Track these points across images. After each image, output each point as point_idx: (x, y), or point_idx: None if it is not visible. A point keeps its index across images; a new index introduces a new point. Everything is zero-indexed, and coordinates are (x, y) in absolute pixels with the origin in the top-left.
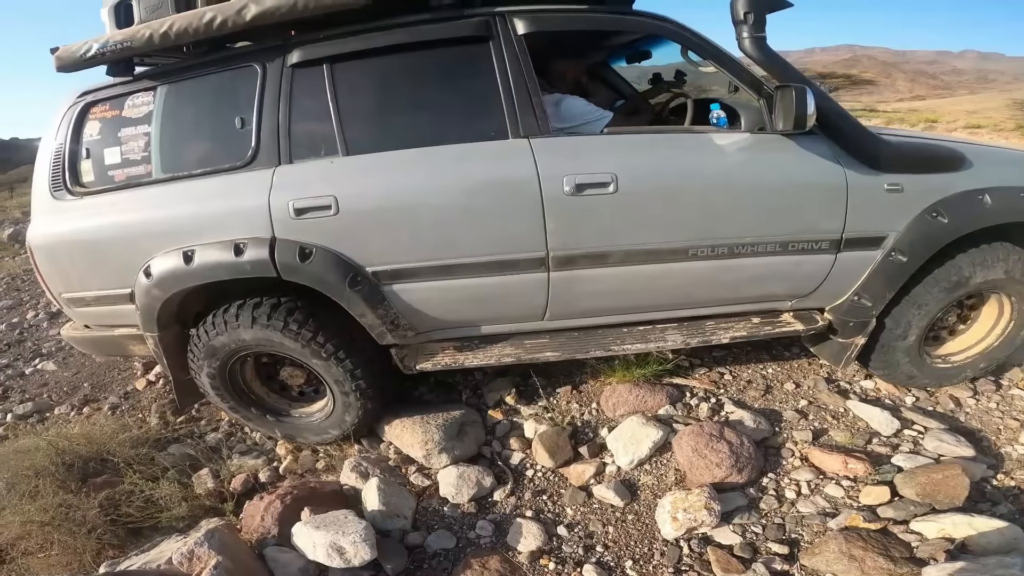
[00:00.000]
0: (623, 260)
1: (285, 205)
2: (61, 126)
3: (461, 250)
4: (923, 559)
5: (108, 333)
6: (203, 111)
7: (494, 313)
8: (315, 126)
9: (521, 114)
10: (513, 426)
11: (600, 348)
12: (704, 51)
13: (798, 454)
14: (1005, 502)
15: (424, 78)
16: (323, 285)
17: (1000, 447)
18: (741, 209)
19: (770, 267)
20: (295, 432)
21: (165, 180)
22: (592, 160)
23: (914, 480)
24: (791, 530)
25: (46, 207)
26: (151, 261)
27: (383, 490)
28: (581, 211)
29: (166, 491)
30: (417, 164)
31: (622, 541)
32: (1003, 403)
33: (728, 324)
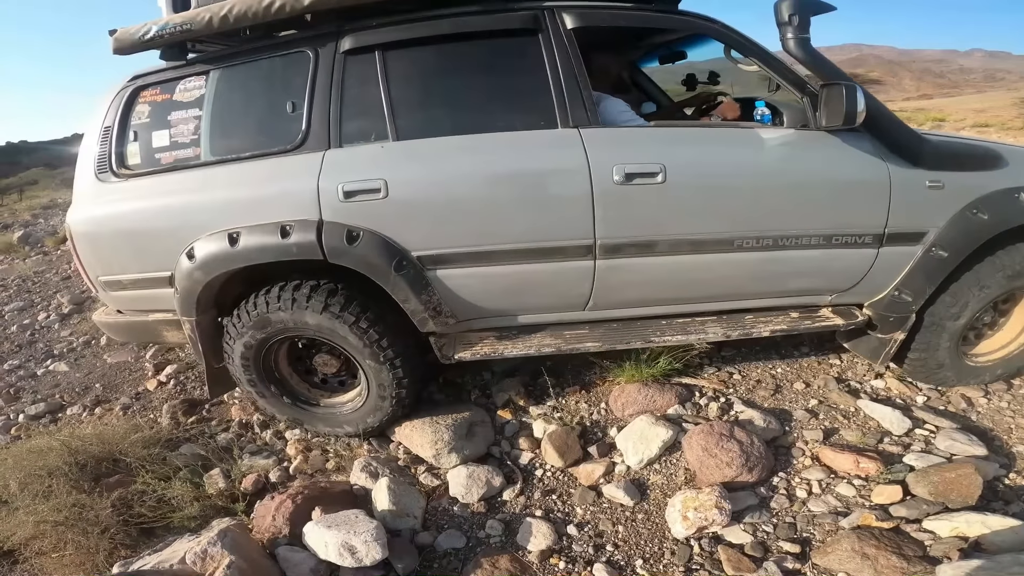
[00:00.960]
0: (669, 249)
1: (334, 188)
2: (110, 109)
3: (509, 236)
4: (937, 557)
5: (142, 318)
6: (254, 95)
7: (536, 302)
8: (366, 111)
9: (571, 105)
10: (522, 426)
11: (641, 339)
12: (748, 50)
13: (809, 453)
14: (1018, 501)
15: (474, 67)
16: (369, 268)
17: (1012, 446)
18: (786, 202)
19: (814, 260)
20: (324, 423)
21: (213, 163)
22: (641, 151)
23: (926, 479)
24: (803, 529)
25: (90, 190)
26: (195, 243)
27: (393, 490)
28: (630, 200)
29: (178, 491)
30: (468, 150)
31: (632, 540)
32: (1015, 402)
33: (768, 318)
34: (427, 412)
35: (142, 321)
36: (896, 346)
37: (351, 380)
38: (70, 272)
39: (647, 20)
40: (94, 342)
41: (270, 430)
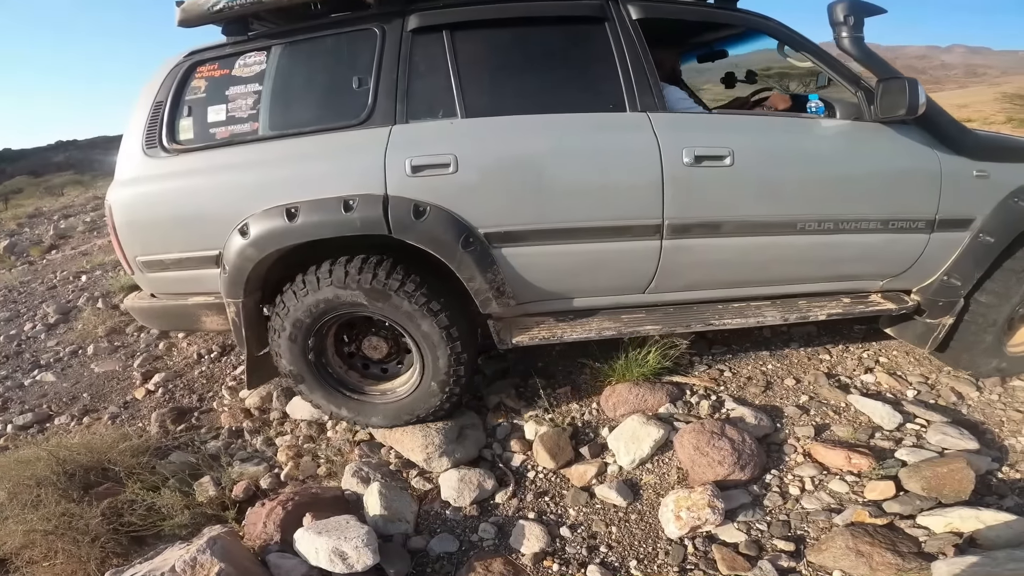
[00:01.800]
0: (735, 231)
1: (401, 162)
2: (164, 84)
3: (578, 214)
4: (932, 554)
5: (180, 302)
6: (318, 71)
7: (598, 284)
8: (433, 88)
9: (639, 90)
10: (513, 428)
11: (701, 322)
12: (802, 46)
13: (801, 450)
14: (1012, 495)
15: (542, 50)
16: (435, 244)
17: (1004, 439)
18: (846, 188)
19: (870, 244)
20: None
21: (272, 137)
22: (709, 135)
23: (919, 474)
24: (796, 527)
25: (136, 165)
26: (248, 219)
27: (384, 495)
28: (698, 181)
29: (168, 499)
30: (538, 129)
31: (626, 541)
32: (1005, 395)
33: (821, 303)
34: None
35: (180, 305)
36: (944, 331)
37: (395, 368)
38: (56, 282)
39: (708, 15)
40: (81, 352)
41: (260, 437)
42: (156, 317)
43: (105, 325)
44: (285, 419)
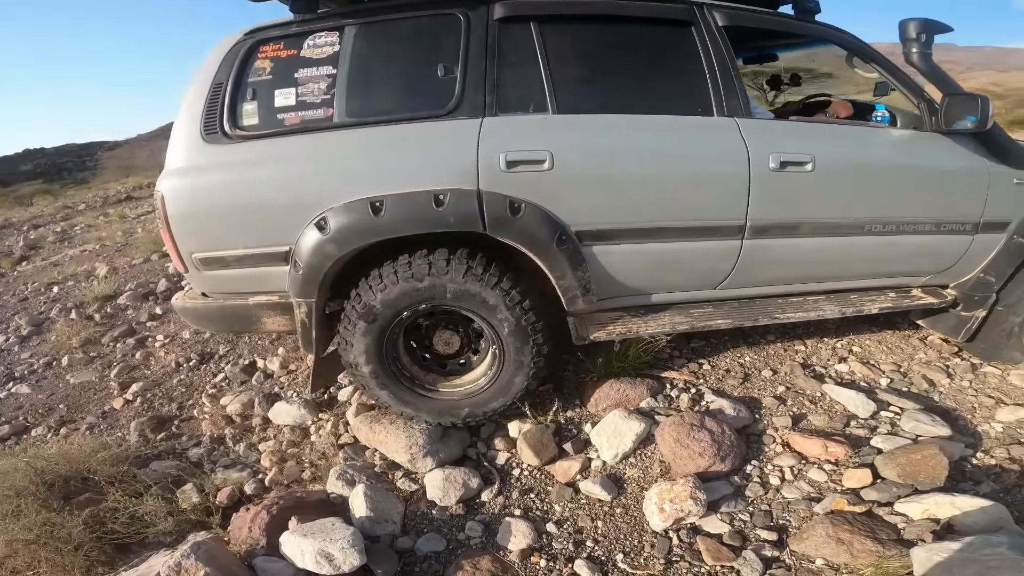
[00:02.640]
0: (810, 232)
1: (495, 157)
2: (222, 65)
3: (667, 214)
4: (911, 540)
5: (239, 302)
6: (398, 55)
7: (676, 280)
8: (524, 82)
9: (726, 96)
10: (497, 426)
11: (766, 316)
12: (871, 58)
13: (779, 440)
14: (987, 481)
15: (631, 50)
16: (530, 242)
17: (977, 425)
18: (908, 192)
19: (925, 244)
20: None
21: (349, 125)
22: (793, 142)
23: (894, 461)
24: (778, 516)
25: (193, 153)
26: (326, 213)
27: (370, 496)
28: (781, 185)
29: (150, 507)
30: (632, 129)
31: (612, 535)
32: (976, 381)
33: (872, 297)
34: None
35: (240, 306)
36: (977, 323)
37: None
38: (27, 293)
39: (789, 27)
40: (55, 363)
41: (243, 443)
42: (211, 319)
43: (79, 336)
44: (268, 425)
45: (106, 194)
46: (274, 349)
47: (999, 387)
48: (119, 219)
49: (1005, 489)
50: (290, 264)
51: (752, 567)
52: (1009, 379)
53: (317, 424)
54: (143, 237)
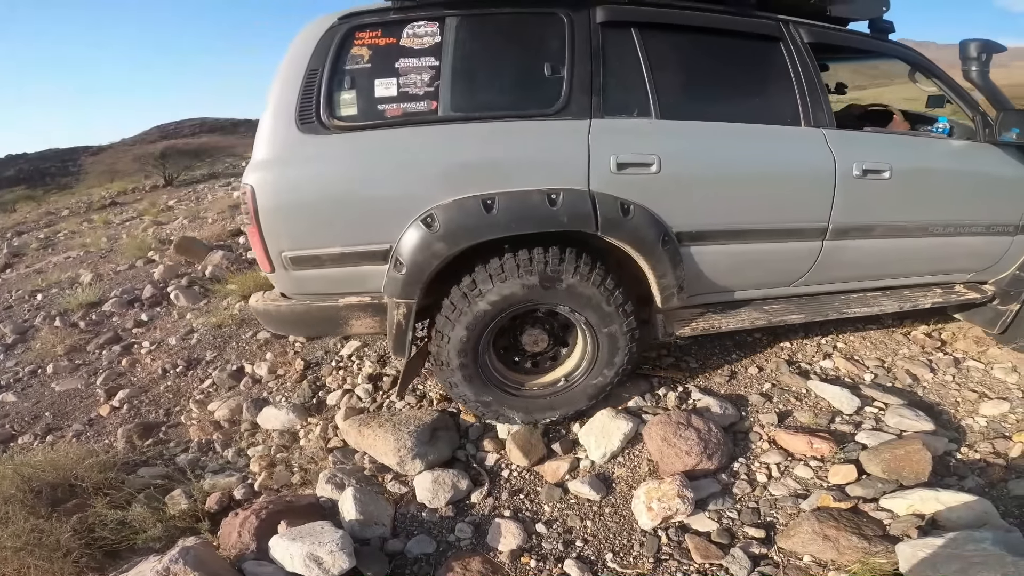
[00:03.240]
0: (883, 233)
1: (606, 158)
2: (316, 50)
3: (759, 217)
4: (896, 536)
5: (328, 304)
6: (503, 51)
7: (759, 278)
8: (628, 86)
9: (813, 108)
10: (486, 428)
11: (834, 312)
12: (933, 74)
13: (765, 437)
14: (972, 475)
15: (727, 60)
16: (638, 243)
17: (960, 419)
18: (965, 197)
19: (975, 245)
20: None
21: (455, 120)
22: (873, 152)
23: (878, 457)
24: (766, 513)
25: (287, 144)
26: (434, 210)
27: (359, 499)
28: (862, 191)
29: (139, 513)
30: (732, 136)
31: (601, 534)
32: (959, 376)
33: (922, 293)
34: (389, 420)
35: (329, 308)
36: (1012, 316)
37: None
38: (11, 301)
39: (867, 45)
40: (40, 371)
41: (231, 448)
42: (295, 322)
43: (64, 344)
44: (256, 430)
45: (90, 199)
46: (262, 354)
47: (982, 381)
48: (103, 225)
49: (990, 483)
50: (390, 263)
51: (740, 565)
52: (992, 373)
53: (306, 428)
54: (128, 243)
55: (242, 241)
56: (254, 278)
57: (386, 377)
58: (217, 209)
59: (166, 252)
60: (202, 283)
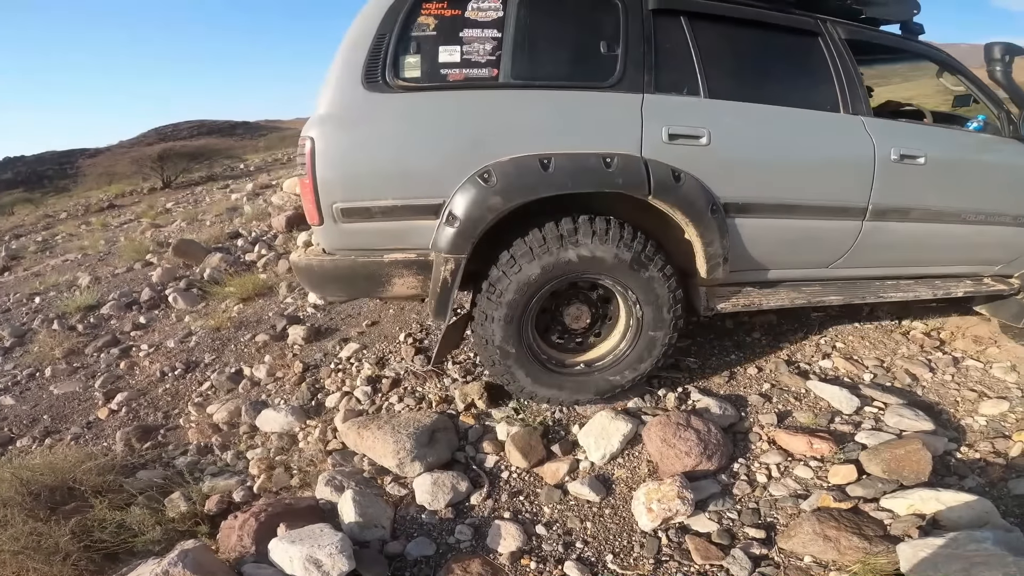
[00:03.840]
0: (919, 217)
1: (658, 129)
2: (386, 16)
3: (803, 193)
4: (897, 536)
5: (373, 259)
6: (560, 28)
7: (799, 256)
8: (677, 66)
9: (851, 97)
10: (485, 430)
11: (872, 295)
12: (960, 72)
13: (765, 437)
14: (972, 475)
15: (769, 49)
16: (688, 208)
17: (960, 419)
18: (993, 187)
19: (1004, 235)
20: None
21: (515, 86)
22: (908, 139)
23: (878, 457)
24: (766, 514)
25: (352, 100)
26: (491, 167)
27: (359, 501)
28: (899, 174)
29: (138, 516)
30: (776, 117)
31: (601, 536)
32: (959, 375)
33: (954, 282)
34: (388, 422)
35: (373, 263)
36: None
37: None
38: (9, 304)
39: (899, 43)
40: (38, 374)
41: (231, 451)
42: (336, 278)
43: (62, 347)
44: (255, 432)
45: (88, 202)
46: (260, 357)
47: (981, 380)
48: (101, 228)
49: (990, 483)
50: (442, 218)
51: (741, 565)
52: (991, 372)
53: (305, 431)
54: (126, 245)
55: (240, 243)
56: (252, 280)
57: (385, 379)
58: (215, 211)
59: (164, 255)
60: (200, 285)
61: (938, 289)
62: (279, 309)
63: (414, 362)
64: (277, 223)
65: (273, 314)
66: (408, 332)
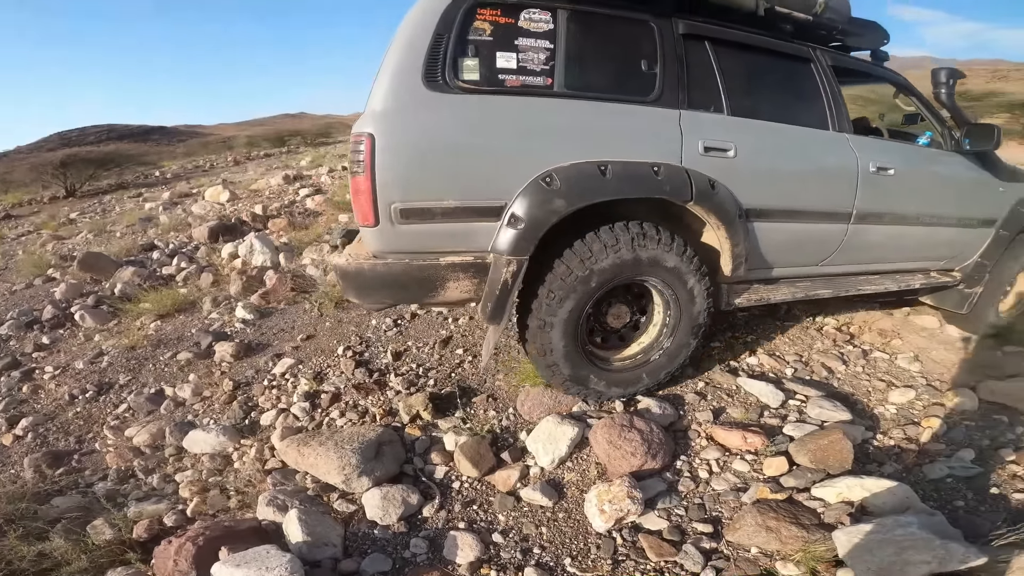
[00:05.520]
0: (888, 220)
1: (695, 141)
2: (443, 18)
3: (806, 200)
4: (831, 524)
5: (429, 263)
6: (606, 44)
7: (798, 255)
8: (705, 86)
9: (838, 116)
10: (433, 441)
11: (852, 288)
12: (913, 94)
13: (703, 434)
14: (890, 461)
15: (777, 73)
16: (722, 213)
17: (873, 408)
18: (945, 194)
19: (949, 235)
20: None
21: (568, 96)
22: (880, 154)
23: (805, 448)
24: (711, 508)
25: (413, 98)
26: (553, 171)
27: (305, 520)
28: (875, 184)
29: (58, 545)
30: (786, 134)
31: (558, 540)
32: (868, 366)
33: (910, 277)
34: (330, 438)
35: (428, 266)
36: (976, 298)
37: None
38: None
39: (869, 69)
40: None
41: (156, 474)
42: (388, 284)
43: None
44: (183, 454)
45: None
46: (184, 376)
47: (888, 370)
48: None
49: (907, 468)
50: (503, 220)
51: (694, 560)
52: (897, 362)
53: (240, 450)
54: (24, 260)
55: (156, 256)
56: (171, 295)
57: (324, 395)
58: (127, 222)
59: (68, 269)
60: (111, 302)
61: (899, 282)
62: (203, 325)
63: (355, 375)
64: (199, 234)
65: (197, 331)
66: (347, 345)
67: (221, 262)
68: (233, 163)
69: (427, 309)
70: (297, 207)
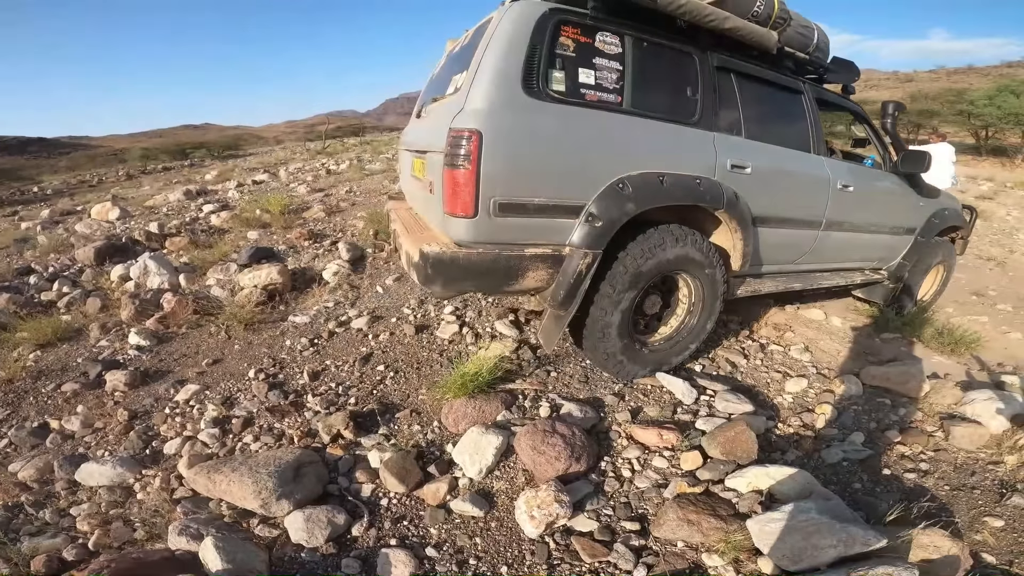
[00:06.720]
0: (846, 228)
1: (725, 160)
2: (537, 27)
3: (794, 210)
4: (745, 513)
5: (515, 253)
6: (662, 70)
7: (781, 255)
8: (728, 112)
9: (817, 141)
10: (356, 459)
11: (815, 283)
12: (867, 124)
13: (623, 434)
14: (791, 449)
15: (778, 103)
16: (741, 219)
17: (773, 398)
18: (882, 207)
19: (885, 240)
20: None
21: (633, 113)
22: (844, 174)
23: (715, 441)
24: (636, 506)
25: (515, 101)
26: (625, 178)
27: (223, 548)
28: (840, 198)
29: None
30: (784, 155)
31: (492, 549)
32: (767, 359)
33: (850, 275)
34: (244, 463)
35: (514, 257)
36: (898, 292)
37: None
38: None
39: (840, 101)
40: None
41: (48, 509)
42: (476, 272)
43: None
44: (76, 488)
45: None
46: (71, 408)
47: (783, 362)
48: None
49: (806, 455)
50: (582, 217)
51: (625, 559)
52: (790, 354)
53: (142, 481)
54: None
55: (34, 281)
56: (52, 323)
57: (235, 419)
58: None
59: None
60: None
61: (846, 278)
62: (91, 354)
63: (268, 398)
64: (83, 255)
65: (84, 360)
66: (259, 368)
67: (110, 285)
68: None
69: (345, 327)
70: (200, 224)
